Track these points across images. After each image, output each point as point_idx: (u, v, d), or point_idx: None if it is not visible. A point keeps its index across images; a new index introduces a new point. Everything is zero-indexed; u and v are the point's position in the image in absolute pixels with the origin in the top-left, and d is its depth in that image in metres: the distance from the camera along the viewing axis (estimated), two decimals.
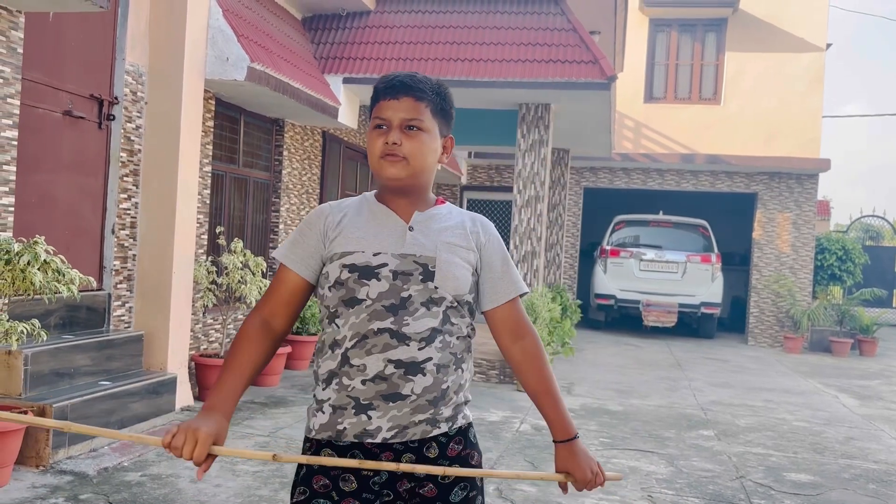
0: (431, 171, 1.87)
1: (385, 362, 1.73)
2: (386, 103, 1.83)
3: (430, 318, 1.76)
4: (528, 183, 8.49)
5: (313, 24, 8.81)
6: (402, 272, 1.77)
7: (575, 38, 8.08)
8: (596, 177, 14.93)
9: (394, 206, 1.86)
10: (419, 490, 1.77)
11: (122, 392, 5.04)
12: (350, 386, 1.75)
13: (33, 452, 4.35)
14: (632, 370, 9.84)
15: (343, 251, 1.80)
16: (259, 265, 6.66)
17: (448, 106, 1.89)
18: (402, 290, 1.76)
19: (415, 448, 1.77)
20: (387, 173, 1.81)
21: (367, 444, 1.76)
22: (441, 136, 1.88)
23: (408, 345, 1.74)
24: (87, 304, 5.45)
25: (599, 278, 13.82)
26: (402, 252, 1.79)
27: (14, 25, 4.53)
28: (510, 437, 5.85)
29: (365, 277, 1.76)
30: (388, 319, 1.74)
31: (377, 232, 1.82)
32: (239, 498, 4.13)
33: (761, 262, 14.32)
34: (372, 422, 1.74)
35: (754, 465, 5.53)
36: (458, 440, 1.82)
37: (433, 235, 1.82)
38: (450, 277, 1.79)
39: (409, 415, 1.74)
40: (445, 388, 1.78)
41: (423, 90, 1.82)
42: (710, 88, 14.56)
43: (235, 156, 7.56)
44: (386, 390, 1.73)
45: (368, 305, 1.75)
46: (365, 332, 1.75)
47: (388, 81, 1.85)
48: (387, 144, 1.80)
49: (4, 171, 4.54)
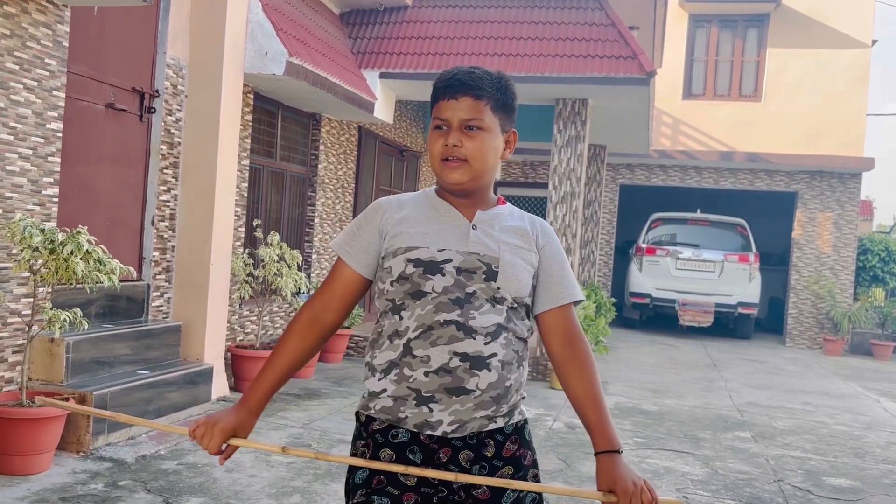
0: (493, 171, 1.84)
1: (451, 354, 1.71)
2: (445, 103, 1.78)
3: (496, 314, 1.75)
4: (563, 179, 8.43)
5: (351, 18, 8.84)
6: (466, 269, 1.76)
7: (614, 33, 8.00)
8: (632, 173, 14.79)
9: (455, 204, 1.84)
10: (473, 491, 1.75)
11: (159, 381, 5.12)
12: (412, 377, 1.72)
13: (74, 438, 4.43)
14: (667, 370, 9.73)
15: (408, 246, 1.78)
16: (295, 258, 6.71)
17: (510, 99, 1.84)
18: (467, 286, 1.75)
19: (473, 445, 1.75)
20: (449, 179, 1.79)
21: (425, 438, 1.74)
22: (503, 131, 1.84)
23: (474, 338, 1.72)
24: (127, 294, 5.54)
25: (635, 276, 13.69)
26: (466, 249, 1.77)
27: (60, 19, 4.61)
28: (543, 435, 5.82)
29: (430, 272, 1.75)
30: (454, 311, 1.72)
31: (441, 229, 1.80)
32: (273, 489, 4.16)
33: (801, 263, 14.07)
34: (433, 414, 1.72)
35: (793, 469, 5.44)
36: (513, 439, 1.81)
37: (496, 236, 1.81)
38: (513, 279, 1.77)
39: (472, 410, 1.72)
40: (509, 386, 1.77)
41: (482, 87, 1.77)
42: (750, 85, 14.32)
43: (273, 150, 7.62)
44: (450, 384, 1.71)
45: (434, 298, 1.73)
46: (430, 324, 1.72)
47: (446, 80, 1.80)
48: (447, 146, 1.77)
49: (50, 161, 4.62)
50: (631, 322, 14.36)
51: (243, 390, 6.34)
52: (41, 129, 4.54)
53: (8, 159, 4.33)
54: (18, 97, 4.36)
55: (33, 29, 4.42)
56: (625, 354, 10.81)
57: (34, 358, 4.59)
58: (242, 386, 6.41)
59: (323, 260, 8.75)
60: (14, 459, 4.01)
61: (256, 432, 5.21)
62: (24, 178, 4.45)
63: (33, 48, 4.43)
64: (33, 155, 4.50)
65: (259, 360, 6.42)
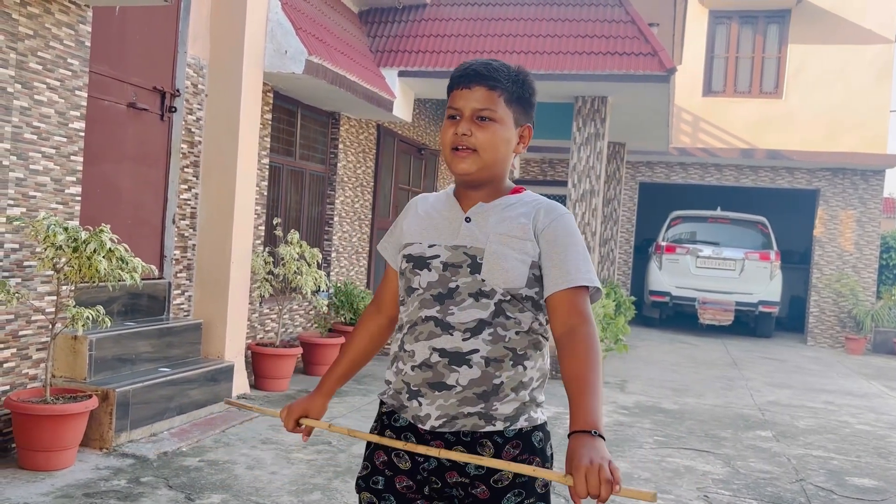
0: (505, 163, 1.82)
1: (430, 350, 1.75)
2: (459, 92, 1.79)
3: (478, 309, 1.73)
4: (582, 177, 8.40)
5: (370, 17, 8.86)
6: (452, 264, 1.77)
7: (633, 29, 7.96)
8: (652, 171, 14.71)
9: (465, 198, 1.85)
10: (472, 490, 1.74)
11: (180, 379, 5.15)
12: (403, 371, 1.80)
13: (97, 435, 4.47)
14: (687, 368, 9.67)
15: (406, 242, 1.86)
16: (314, 256, 6.73)
17: (527, 94, 1.83)
18: (450, 281, 1.76)
19: (467, 443, 1.74)
20: (457, 168, 1.79)
21: (420, 430, 1.78)
22: (517, 125, 1.82)
23: (451, 334, 1.73)
24: (149, 292, 5.58)
25: (654, 275, 13.61)
26: (454, 243, 1.79)
27: (82, 19, 4.65)
28: (562, 434, 5.80)
29: (418, 268, 1.80)
30: (434, 308, 1.76)
31: (437, 224, 1.83)
32: (293, 485, 4.18)
33: (822, 261, 13.93)
34: (422, 408, 1.76)
35: (815, 468, 5.39)
36: (515, 443, 1.73)
37: (488, 227, 1.78)
38: (497, 270, 1.73)
39: (457, 406, 1.73)
40: (499, 384, 1.72)
41: (496, 79, 1.78)
42: (771, 82, 14.19)
43: (292, 148, 7.65)
44: (431, 378, 1.75)
45: (420, 294, 1.79)
46: (415, 320, 1.78)
47: (462, 70, 1.81)
48: (457, 135, 1.77)
49: (72, 161, 4.67)
50: (650, 321, 14.28)
51: (263, 388, 6.40)
52: (64, 129, 4.59)
53: (32, 158, 4.38)
54: (42, 97, 4.41)
55: (56, 29, 4.46)
56: (644, 353, 10.76)
57: (58, 355, 4.64)
58: (262, 383, 6.45)
59: (342, 258, 8.78)
60: (38, 455, 4.06)
61: (277, 430, 5.23)
62: (48, 177, 4.50)
63: (56, 48, 4.47)
64: (56, 154, 4.54)
65: (279, 357, 6.45)
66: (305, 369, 7.26)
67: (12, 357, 4.36)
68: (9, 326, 4.31)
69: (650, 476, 4.88)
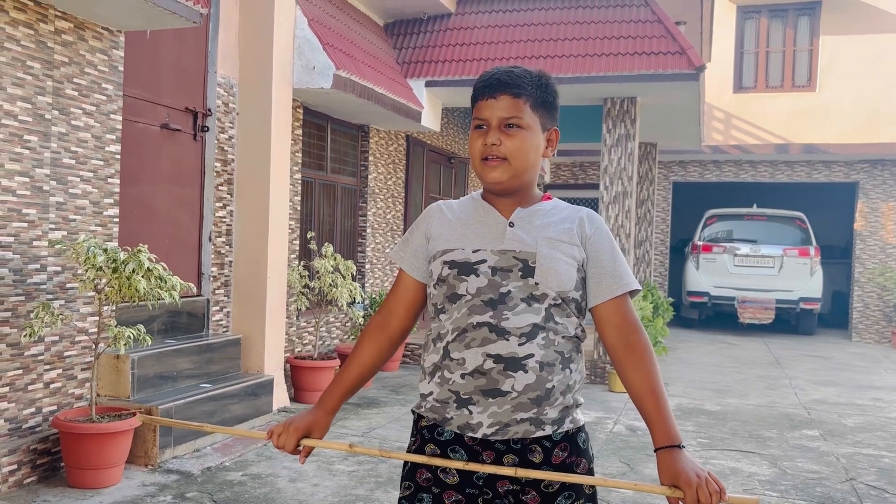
0: (535, 169, 1.82)
1: (484, 356, 1.72)
2: (484, 103, 1.79)
3: (532, 314, 1.73)
4: (614, 179, 8.34)
5: (395, 29, 8.91)
6: (501, 268, 1.75)
7: (660, 28, 7.90)
8: (685, 170, 14.55)
9: (497, 204, 1.84)
10: (522, 497, 1.73)
11: (221, 394, 5.21)
12: (451, 380, 1.75)
13: (142, 452, 4.54)
14: (728, 369, 9.53)
15: (444, 248, 1.81)
16: (349, 268, 6.77)
17: (551, 97, 1.83)
18: (501, 286, 1.74)
19: (517, 450, 1.73)
20: (489, 178, 1.79)
21: (468, 440, 1.75)
22: (544, 129, 1.82)
23: (507, 339, 1.71)
24: (188, 310, 5.66)
25: (692, 275, 13.45)
26: (501, 248, 1.77)
27: (115, 44, 4.75)
28: (604, 439, 5.75)
29: (464, 273, 1.77)
30: (486, 314, 1.73)
31: (478, 229, 1.81)
32: (336, 497, 4.20)
33: (864, 255, 13.64)
34: (473, 416, 1.73)
35: (865, 467, 5.27)
36: (563, 446, 1.76)
37: (535, 231, 1.78)
38: (551, 273, 1.74)
39: (511, 412, 1.71)
40: (550, 388, 1.73)
41: (520, 86, 1.77)
42: (803, 75, 13.97)
43: (323, 162, 7.71)
44: (485, 385, 1.72)
45: (468, 300, 1.75)
46: (464, 326, 1.74)
47: (485, 81, 1.81)
48: (486, 146, 1.77)
49: (109, 183, 4.76)
50: (689, 322, 14.10)
51: (303, 401, 6.44)
52: (101, 152, 4.68)
53: (71, 182, 4.47)
54: (78, 122, 4.51)
55: (90, 55, 4.56)
56: (685, 355, 10.62)
57: (101, 374, 4.72)
58: (302, 396, 6.49)
59: (376, 269, 8.82)
60: (86, 473, 4.13)
61: None
62: (87, 199, 4.59)
63: (91, 74, 4.57)
64: (94, 177, 4.64)
65: (317, 370, 6.49)
66: None
67: (58, 378, 4.45)
68: (54, 347, 4.40)
69: None
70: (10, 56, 4.07)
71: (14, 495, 4.00)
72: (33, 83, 4.21)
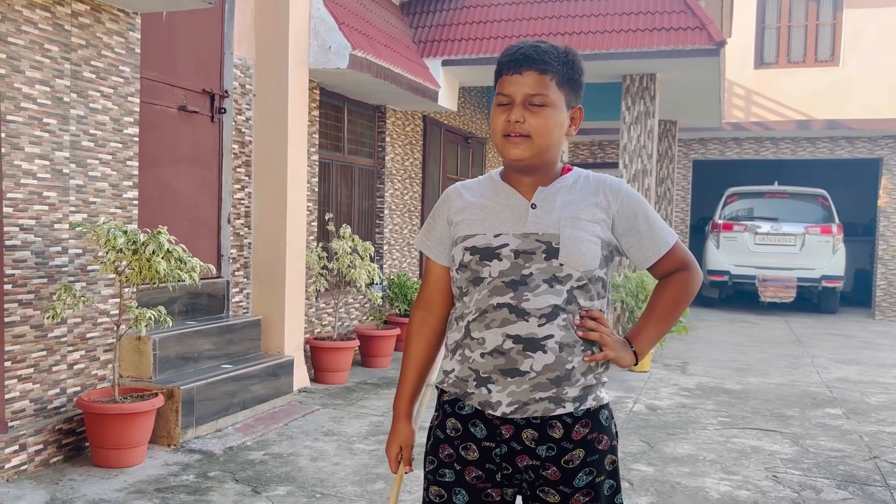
0: (558, 146, 1.79)
1: (503, 337, 1.72)
2: (509, 78, 1.74)
3: (553, 295, 1.72)
4: (633, 157, 8.27)
5: (411, 7, 8.85)
6: (525, 251, 1.74)
7: (680, 3, 7.78)
8: (705, 148, 14.40)
9: (518, 184, 1.81)
10: (543, 472, 1.74)
11: (242, 375, 5.25)
12: (471, 358, 1.77)
13: (164, 432, 4.59)
14: (749, 348, 9.47)
15: (465, 234, 1.80)
16: (367, 250, 6.78)
17: (576, 75, 1.78)
18: (524, 268, 1.73)
19: (537, 425, 1.74)
20: (511, 154, 1.75)
21: (488, 415, 1.76)
22: (568, 107, 1.78)
23: (527, 320, 1.71)
24: (208, 291, 5.69)
25: (712, 254, 13.34)
26: (523, 231, 1.75)
27: (131, 27, 4.75)
28: (623, 418, 5.74)
29: (486, 259, 1.76)
30: (507, 294, 1.72)
31: (499, 212, 1.79)
32: (357, 476, 4.22)
33: (888, 232, 13.46)
34: (492, 395, 1.74)
35: (889, 445, 5.22)
36: (584, 422, 1.76)
37: (557, 211, 1.76)
38: (576, 254, 1.72)
39: (529, 391, 1.72)
40: (570, 369, 1.73)
41: (547, 62, 1.73)
42: (826, 50, 13.73)
43: (340, 143, 7.70)
44: (504, 365, 1.72)
45: (490, 282, 1.75)
46: (485, 307, 1.74)
47: (510, 55, 1.76)
48: (509, 122, 1.73)
49: (128, 166, 4.78)
50: (710, 301, 14.00)
51: (323, 381, 6.48)
52: (119, 135, 4.69)
53: (90, 165, 4.49)
54: (97, 105, 4.52)
55: (107, 38, 4.56)
56: (705, 334, 10.56)
57: (123, 356, 4.77)
58: (322, 377, 6.53)
59: (394, 250, 8.82)
60: (110, 453, 4.18)
61: (339, 421, 5.29)
62: (106, 182, 4.61)
63: (108, 56, 4.57)
64: (113, 160, 4.66)
65: (337, 350, 6.52)
66: (363, 361, 7.32)
67: (81, 359, 4.49)
68: (77, 329, 4.45)
69: (715, 457, 4.79)
70: (28, 39, 4.08)
71: (41, 474, 4.07)
72: (51, 66, 4.22)
